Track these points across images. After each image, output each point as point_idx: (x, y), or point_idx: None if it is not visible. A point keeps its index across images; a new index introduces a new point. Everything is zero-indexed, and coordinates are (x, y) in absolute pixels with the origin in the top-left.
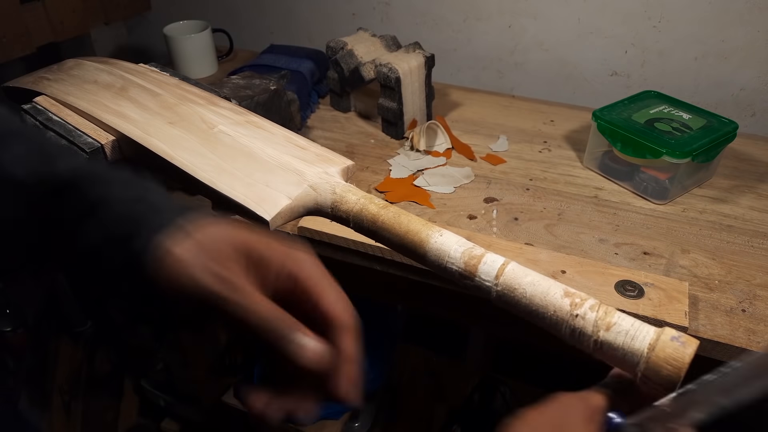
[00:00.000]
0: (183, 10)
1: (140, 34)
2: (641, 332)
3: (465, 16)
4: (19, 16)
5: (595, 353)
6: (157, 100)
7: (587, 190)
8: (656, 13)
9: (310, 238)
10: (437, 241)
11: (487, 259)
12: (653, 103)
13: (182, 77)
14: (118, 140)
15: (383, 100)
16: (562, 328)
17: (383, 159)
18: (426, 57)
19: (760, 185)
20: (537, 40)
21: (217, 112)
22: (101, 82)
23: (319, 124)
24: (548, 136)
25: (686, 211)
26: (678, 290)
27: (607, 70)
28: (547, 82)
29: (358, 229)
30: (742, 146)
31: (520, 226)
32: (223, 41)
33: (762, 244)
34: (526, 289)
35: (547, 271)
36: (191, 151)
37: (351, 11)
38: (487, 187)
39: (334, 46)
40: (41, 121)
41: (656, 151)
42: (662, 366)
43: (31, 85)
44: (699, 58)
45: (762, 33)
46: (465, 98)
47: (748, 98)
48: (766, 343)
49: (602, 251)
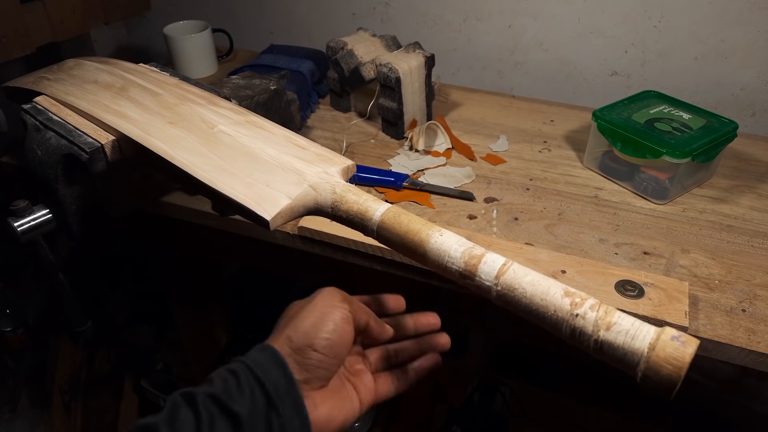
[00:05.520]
0: (183, 10)
1: (140, 34)
2: (641, 332)
3: (465, 16)
4: (19, 16)
5: (595, 353)
6: (157, 100)
7: (587, 190)
8: (656, 13)
9: (310, 238)
10: (437, 241)
11: (488, 258)
12: (653, 103)
13: (182, 77)
14: (118, 140)
15: (383, 100)
16: (563, 327)
17: (383, 159)
18: (426, 57)
19: (760, 185)
20: (537, 40)
21: (217, 112)
22: (101, 82)
23: (319, 124)
24: (548, 136)
25: (686, 211)
26: (678, 290)
27: (607, 70)
28: (547, 82)
29: (359, 228)
30: (742, 146)
31: (520, 226)
32: (223, 41)
33: (762, 244)
34: (526, 288)
35: (547, 271)
36: (191, 150)
37: (351, 11)
38: (487, 187)
39: (334, 46)
40: (41, 121)
41: (656, 151)
42: (663, 365)
43: (31, 85)
44: (699, 58)
45: (762, 33)
46: (465, 98)
47: (748, 98)
48: (766, 343)
49: (602, 251)
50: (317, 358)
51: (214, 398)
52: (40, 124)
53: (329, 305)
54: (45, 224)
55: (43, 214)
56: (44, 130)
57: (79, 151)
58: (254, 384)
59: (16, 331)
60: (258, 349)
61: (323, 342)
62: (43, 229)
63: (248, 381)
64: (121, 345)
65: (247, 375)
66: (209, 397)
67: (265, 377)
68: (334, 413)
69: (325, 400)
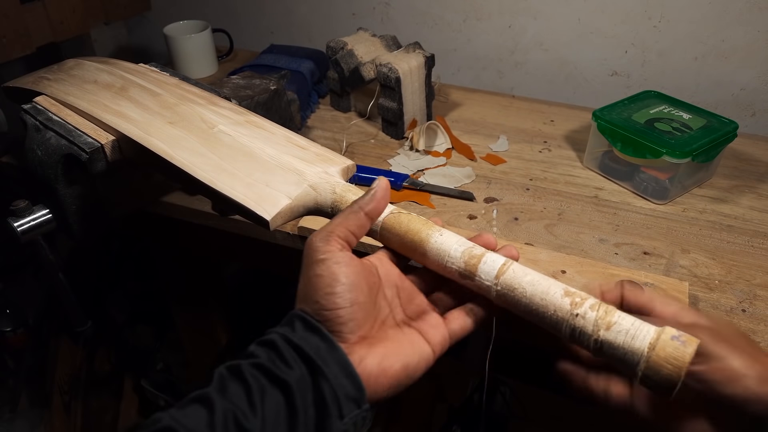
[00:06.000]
0: (183, 10)
1: (140, 34)
2: (642, 331)
3: (465, 16)
4: (19, 16)
5: (596, 353)
6: (157, 100)
7: (587, 190)
8: (656, 13)
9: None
10: (437, 241)
11: (487, 258)
12: (653, 103)
13: (182, 77)
14: (118, 140)
15: (383, 100)
16: (563, 327)
17: (383, 159)
18: (426, 57)
19: (760, 185)
20: (537, 40)
21: (217, 111)
22: (101, 82)
23: (319, 124)
24: (548, 136)
25: (686, 211)
26: (678, 290)
27: (607, 70)
28: (547, 82)
29: None
30: (742, 146)
31: (520, 226)
32: (223, 41)
33: (762, 244)
34: (526, 288)
35: (547, 271)
36: (191, 150)
37: (351, 11)
38: (487, 187)
39: (334, 46)
40: (41, 121)
41: (656, 151)
42: (663, 365)
43: (31, 85)
44: (699, 58)
45: (762, 33)
46: (465, 98)
47: (748, 98)
48: (766, 343)
49: (602, 251)
50: (333, 315)
51: (262, 368)
52: (40, 124)
53: (310, 263)
54: (45, 224)
55: (43, 214)
56: (44, 130)
57: (79, 151)
58: (294, 352)
59: (16, 331)
60: (287, 320)
61: (326, 300)
62: (43, 229)
63: (288, 350)
64: (121, 345)
65: (285, 345)
66: (255, 367)
67: (304, 344)
68: (388, 362)
69: (372, 351)
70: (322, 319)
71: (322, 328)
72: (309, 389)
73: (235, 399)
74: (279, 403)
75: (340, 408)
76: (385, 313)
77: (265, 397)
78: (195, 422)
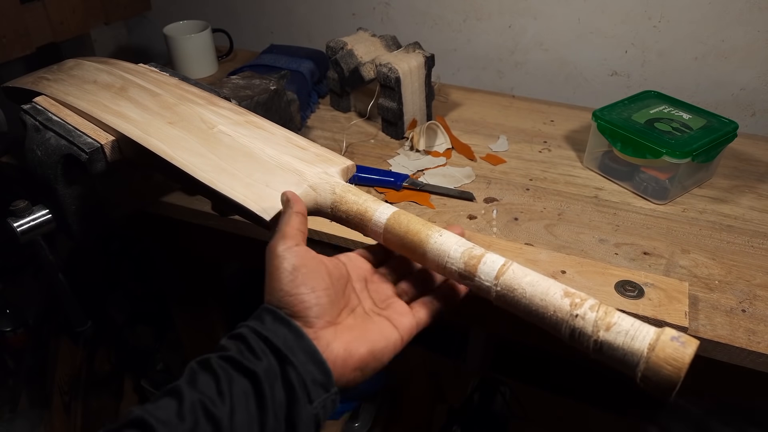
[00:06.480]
0: (183, 10)
1: (140, 34)
2: (641, 332)
3: (465, 16)
4: (19, 16)
5: (595, 353)
6: (156, 100)
7: (587, 190)
8: (656, 13)
9: (310, 238)
10: (437, 241)
11: (487, 259)
12: (653, 103)
13: (182, 77)
14: (117, 140)
15: (383, 100)
16: (562, 328)
17: (383, 159)
18: (426, 57)
19: (760, 185)
20: (537, 40)
21: (216, 112)
22: (101, 82)
23: (319, 124)
24: (548, 136)
25: (686, 211)
26: (678, 290)
27: (607, 70)
28: (547, 82)
29: (358, 229)
30: (742, 146)
31: (520, 226)
32: (223, 41)
33: (762, 244)
34: (526, 289)
35: (547, 271)
36: (191, 151)
37: (351, 11)
38: (487, 187)
39: (334, 46)
40: (41, 122)
41: (656, 151)
42: (662, 366)
43: (31, 85)
44: (699, 58)
45: (762, 33)
46: (465, 98)
47: (748, 98)
48: (766, 344)
49: (602, 251)
50: (298, 300)
51: (230, 360)
52: (40, 125)
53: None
54: (45, 224)
55: (43, 215)
56: (44, 130)
57: (79, 152)
58: (263, 344)
59: (16, 331)
60: (256, 314)
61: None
62: (43, 230)
63: (257, 342)
64: (121, 345)
65: (254, 337)
66: (224, 359)
67: (272, 335)
68: (353, 346)
69: (339, 336)
70: (287, 305)
71: (291, 320)
72: (277, 378)
73: (203, 388)
74: (247, 391)
75: (309, 393)
76: (355, 303)
77: (233, 385)
78: (165, 413)
